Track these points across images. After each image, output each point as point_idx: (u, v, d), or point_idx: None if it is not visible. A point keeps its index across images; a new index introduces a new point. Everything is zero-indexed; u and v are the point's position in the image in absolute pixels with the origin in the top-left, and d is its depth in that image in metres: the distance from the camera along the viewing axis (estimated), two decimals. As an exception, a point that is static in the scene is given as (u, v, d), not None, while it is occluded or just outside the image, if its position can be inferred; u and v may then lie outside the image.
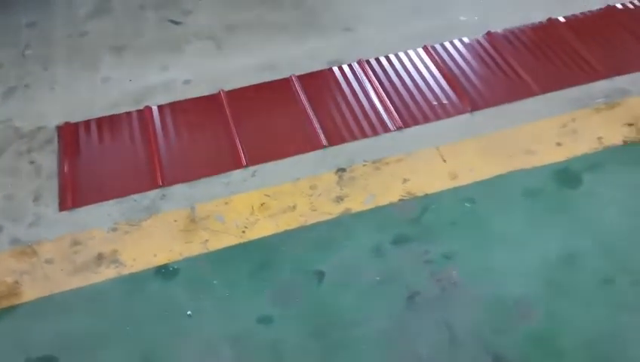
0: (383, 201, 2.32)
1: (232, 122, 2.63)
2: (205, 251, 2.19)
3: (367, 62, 2.88)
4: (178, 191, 2.40)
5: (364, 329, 1.96)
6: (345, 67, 2.87)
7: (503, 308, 1.99)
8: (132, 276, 2.12)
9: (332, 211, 2.29)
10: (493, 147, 2.48)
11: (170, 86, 2.84)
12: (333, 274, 2.11)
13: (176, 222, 2.29)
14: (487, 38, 2.97)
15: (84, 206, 2.36)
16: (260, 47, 3.03)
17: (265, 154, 2.50)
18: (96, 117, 2.70)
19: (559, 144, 2.48)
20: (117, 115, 2.69)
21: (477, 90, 2.72)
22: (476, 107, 2.65)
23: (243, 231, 2.24)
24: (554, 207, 2.26)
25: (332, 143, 2.54)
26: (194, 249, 2.20)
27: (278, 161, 2.49)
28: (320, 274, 2.11)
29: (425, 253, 2.14)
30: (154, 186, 2.41)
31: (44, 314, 2.03)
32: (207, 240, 2.22)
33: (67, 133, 2.62)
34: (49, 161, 2.53)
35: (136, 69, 2.95)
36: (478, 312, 1.98)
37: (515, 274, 2.07)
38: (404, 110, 2.65)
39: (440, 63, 2.84)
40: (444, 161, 2.44)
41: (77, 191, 2.39)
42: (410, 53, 2.93)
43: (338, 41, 3.03)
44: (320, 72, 2.86)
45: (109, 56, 3.02)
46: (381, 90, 2.73)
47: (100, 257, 2.18)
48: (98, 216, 2.32)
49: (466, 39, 2.98)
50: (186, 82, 2.86)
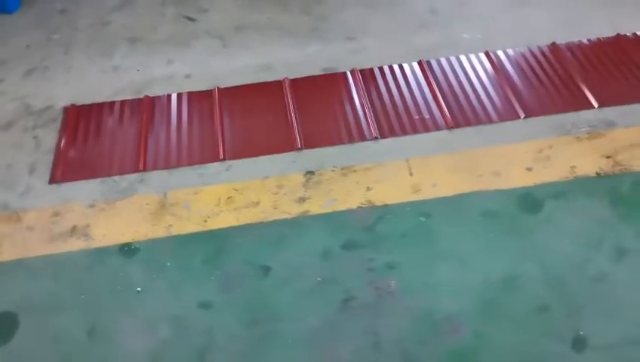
0: (342, 207, 2.40)
1: (218, 117, 2.77)
2: (167, 235, 2.34)
3: (360, 71, 2.96)
4: (156, 176, 2.57)
5: (295, 326, 2.05)
6: (337, 74, 2.96)
7: (433, 322, 2.04)
8: (98, 250, 2.30)
9: (292, 211, 2.39)
10: (462, 165, 2.51)
11: (172, 79, 3.02)
12: (279, 270, 2.21)
13: (147, 205, 2.45)
14: (486, 57, 2.99)
15: (71, 181, 2.56)
16: (263, 49, 3.16)
17: (243, 151, 2.64)
18: (100, 102, 2.91)
19: (529, 169, 2.48)
20: (117, 102, 2.89)
21: (460, 108, 2.74)
22: (457, 124, 2.68)
23: (205, 221, 2.38)
24: (508, 230, 2.27)
25: (307, 146, 2.64)
26: (158, 232, 2.36)
27: (254, 158, 2.61)
28: (266, 269, 2.22)
29: (369, 261, 2.21)
30: (135, 170, 2.59)
31: (15, 274, 2.24)
32: (171, 225, 2.37)
33: (71, 114, 2.84)
34: (50, 138, 2.76)
35: (145, 60, 3.15)
36: (407, 323, 2.04)
37: (452, 291, 2.11)
38: (384, 120, 2.71)
39: (431, 79, 2.89)
40: (411, 174, 2.50)
41: (67, 167, 2.61)
42: (405, 66, 2.98)
43: (338, 48, 3.13)
44: (312, 77, 2.96)
45: (123, 47, 3.24)
46: (366, 99, 2.81)
47: (74, 230, 2.37)
48: (81, 192, 2.52)
49: (463, 57, 3.00)
50: (187, 77, 3.03)
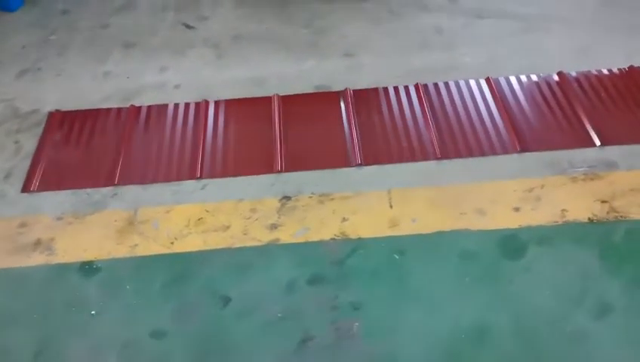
0: (314, 237, 2.29)
1: (202, 131, 2.69)
2: (131, 255, 2.27)
3: (354, 91, 2.84)
4: (130, 191, 2.50)
5: (247, 363, 1.96)
6: (329, 93, 2.85)
7: (391, 372, 1.92)
8: (58, 266, 2.25)
9: (262, 238, 2.30)
10: (446, 200, 2.38)
11: (162, 88, 2.95)
12: (239, 301, 2.12)
13: (116, 222, 2.39)
14: (486, 84, 2.83)
15: (44, 191, 2.52)
16: (258, 61, 3.07)
17: (220, 170, 2.55)
18: (85, 108, 2.86)
19: (517, 209, 2.33)
20: (102, 110, 2.84)
21: (452, 138, 2.60)
22: (446, 155, 2.54)
23: (172, 243, 2.30)
24: (485, 276, 2.13)
25: (288, 169, 2.54)
26: (122, 251, 2.29)
27: (231, 178, 2.52)
28: (226, 300, 2.12)
29: (334, 299, 2.10)
30: (109, 183, 2.52)
31: (-27, 285, 2.20)
32: (136, 245, 2.30)
33: (54, 120, 2.80)
34: (31, 143, 2.72)
35: (138, 66, 3.09)
36: (364, 370, 1.93)
37: (417, 338, 1.98)
38: (370, 146, 2.59)
39: (425, 104, 2.75)
40: (391, 206, 2.37)
41: (42, 176, 2.56)
42: (400, 88, 2.85)
43: (334, 65, 3.01)
44: (303, 95, 2.85)
45: (118, 51, 3.18)
46: (355, 121, 2.69)
47: (38, 242, 2.32)
48: (51, 203, 2.46)
49: (462, 82, 2.85)
50: (176, 87, 2.96)
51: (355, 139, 2.62)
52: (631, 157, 2.48)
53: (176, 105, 2.84)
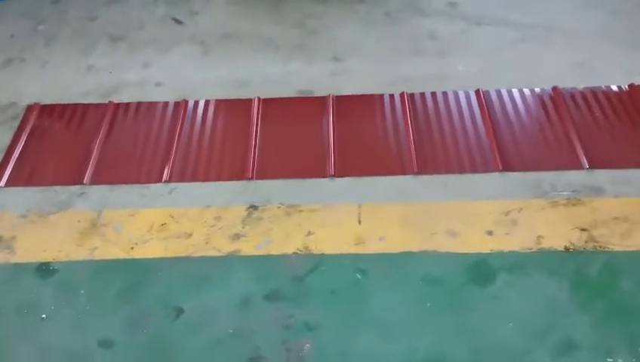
0: (276, 251, 2.21)
1: (178, 133, 2.63)
2: (90, 258, 2.23)
3: (336, 97, 2.74)
4: (98, 191, 2.45)
5: (191, 380, 1.90)
6: (311, 98, 2.76)
7: (338, 400, 1.84)
8: (16, 266, 2.21)
9: (222, 248, 2.23)
10: (418, 219, 2.28)
11: (142, 85, 2.90)
12: (192, 314, 2.06)
13: (79, 222, 2.34)
14: (475, 96, 2.71)
15: (12, 187, 2.48)
16: (243, 61, 2.99)
17: (190, 174, 2.49)
18: (64, 103, 2.81)
19: (490, 233, 2.22)
20: (80, 105, 2.79)
21: (433, 152, 2.50)
22: (423, 170, 2.44)
23: (132, 248, 2.25)
24: (447, 303, 2.03)
25: (259, 177, 2.46)
26: (81, 253, 2.24)
27: (200, 183, 2.46)
28: (179, 311, 2.07)
29: (289, 317, 2.03)
30: (79, 182, 2.48)
31: None
32: (96, 248, 2.25)
33: (31, 113, 2.76)
34: (6, 137, 2.69)
35: (122, 61, 3.03)
36: (310, 396, 1.85)
37: (369, 365, 1.90)
38: (346, 157, 2.50)
39: (409, 114, 2.64)
40: (360, 222, 2.28)
41: (12, 171, 2.52)
42: (385, 96, 2.74)
43: (320, 69, 2.92)
44: (285, 99, 2.77)
45: (104, 44, 3.13)
46: (333, 130, 2.59)
47: (-1, 240, 2.29)
48: (17, 200, 2.43)
49: (450, 93, 2.74)
50: (157, 84, 2.90)
51: (331, 148, 2.53)
52: (620, 183, 2.35)
53: (154, 104, 2.78)
